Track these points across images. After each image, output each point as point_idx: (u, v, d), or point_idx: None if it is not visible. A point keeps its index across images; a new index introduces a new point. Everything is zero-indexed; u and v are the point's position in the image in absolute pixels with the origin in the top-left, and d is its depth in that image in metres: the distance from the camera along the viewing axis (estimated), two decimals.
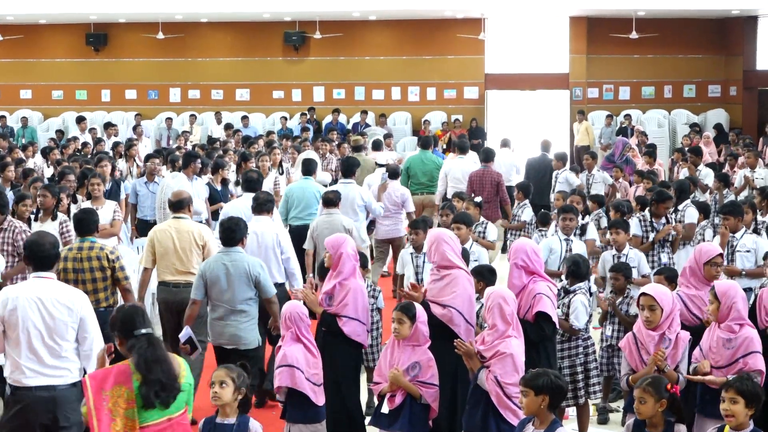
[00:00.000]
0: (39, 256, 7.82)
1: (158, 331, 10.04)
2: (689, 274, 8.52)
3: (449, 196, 16.50)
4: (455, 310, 8.31)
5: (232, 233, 9.85)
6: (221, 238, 10.05)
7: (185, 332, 9.60)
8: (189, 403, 6.67)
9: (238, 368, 6.95)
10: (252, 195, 12.51)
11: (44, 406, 7.45)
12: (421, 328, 7.75)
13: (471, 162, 19.12)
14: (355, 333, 8.63)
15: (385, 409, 7.79)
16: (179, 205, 11.09)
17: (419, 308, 7.87)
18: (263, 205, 11.45)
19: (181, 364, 6.66)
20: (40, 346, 7.48)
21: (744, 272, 10.94)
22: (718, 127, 28.79)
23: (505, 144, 20.69)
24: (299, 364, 7.89)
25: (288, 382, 7.88)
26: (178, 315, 10.38)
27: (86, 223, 10.08)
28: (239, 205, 13.24)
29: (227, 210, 13.27)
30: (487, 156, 17.58)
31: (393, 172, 16.31)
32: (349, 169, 15.18)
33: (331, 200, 12.92)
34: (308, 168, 14.54)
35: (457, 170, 18.17)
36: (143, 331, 6.55)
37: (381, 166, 18.64)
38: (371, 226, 15.27)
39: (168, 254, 10.75)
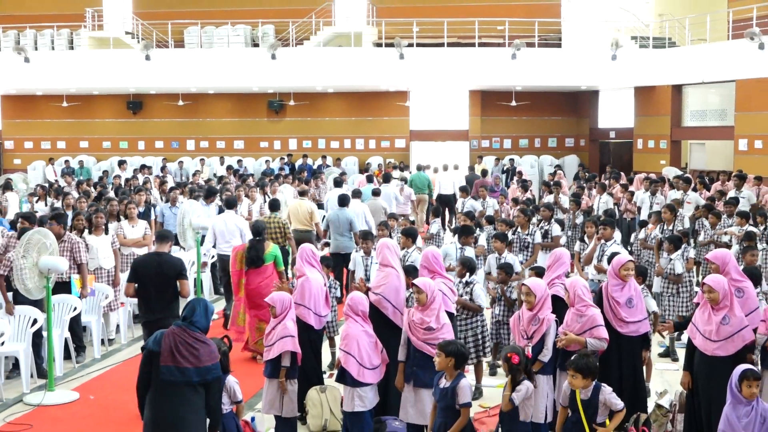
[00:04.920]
0: (229, 203, 13.70)
1: None
2: (612, 277, 8.13)
3: (443, 192, 22.17)
4: (382, 296, 8.18)
5: (345, 201, 14.60)
6: (338, 202, 14.64)
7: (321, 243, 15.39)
8: (277, 262, 10.91)
9: (217, 339, 6.81)
10: (339, 189, 17.72)
11: (225, 262, 12.33)
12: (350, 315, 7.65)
13: (457, 176, 23.46)
14: (301, 315, 8.30)
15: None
16: (302, 193, 16.62)
17: (361, 299, 7.74)
18: (354, 194, 16.16)
19: (269, 248, 10.93)
20: (227, 237, 12.90)
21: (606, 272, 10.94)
22: (581, 166, 29.27)
23: (450, 168, 23.90)
24: (295, 334, 7.74)
25: (290, 347, 7.66)
26: (299, 242, 13.16)
27: (276, 206, 14.24)
28: (333, 195, 17.19)
29: (327, 196, 18.75)
30: None
31: (405, 180, 22.29)
32: (386, 179, 20.28)
33: (377, 193, 17.60)
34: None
35: (446, 181, 22.41)
36: (257, 238, 11.00)
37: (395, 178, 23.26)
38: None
39: (297, 216, 15.05)
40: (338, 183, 18.93)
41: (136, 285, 8.92)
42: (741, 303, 7.37)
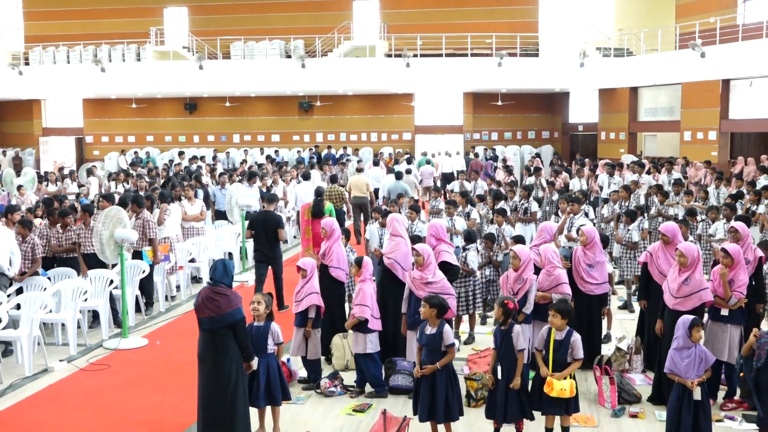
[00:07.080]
0: (305, 176, 16.11)
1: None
2: (584, 247, 8.17)
3: (445, 171, 23.06)
4: (395, 260, 8.22)
5: (400, 176, 16.46)
6: (395, 177, 16.48)
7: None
8: (330, 214, 11.45)
9: (266, 294, 6.80)
10: (377, 167, 20.22)
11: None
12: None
13: (455, 160, 24.29)
14: (337, 276, 8.41)
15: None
16: (359, 170, 17.72)
17: (367, 261, 7.80)
18: (400, 173, 17.05)
19: (327, 205, 11.63)
20: (303, 199, 14.01)
21: (576, 239, 10.86)
22: (555, 154, 29.16)
23: (448, 154, 24.68)
24: (318, 291, 7.74)
25: (315, 302, 7.64)
26: (359, 207, 16.12)
27: (335, 179, 16.02)
28: (375, 172, 19.33)
29: (368, 171, 19.49)
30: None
31: (427, 162, 23.07)
32: (409, 161, 21.28)
33: (409, 171, 18.75)
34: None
35: (445, 163, 23.50)
36: (319, 197, 11.99)
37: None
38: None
39: (357, 186, 16.31)
40: (376, 162, 21.65)
41: (253, 232, 10.90)
42: None
